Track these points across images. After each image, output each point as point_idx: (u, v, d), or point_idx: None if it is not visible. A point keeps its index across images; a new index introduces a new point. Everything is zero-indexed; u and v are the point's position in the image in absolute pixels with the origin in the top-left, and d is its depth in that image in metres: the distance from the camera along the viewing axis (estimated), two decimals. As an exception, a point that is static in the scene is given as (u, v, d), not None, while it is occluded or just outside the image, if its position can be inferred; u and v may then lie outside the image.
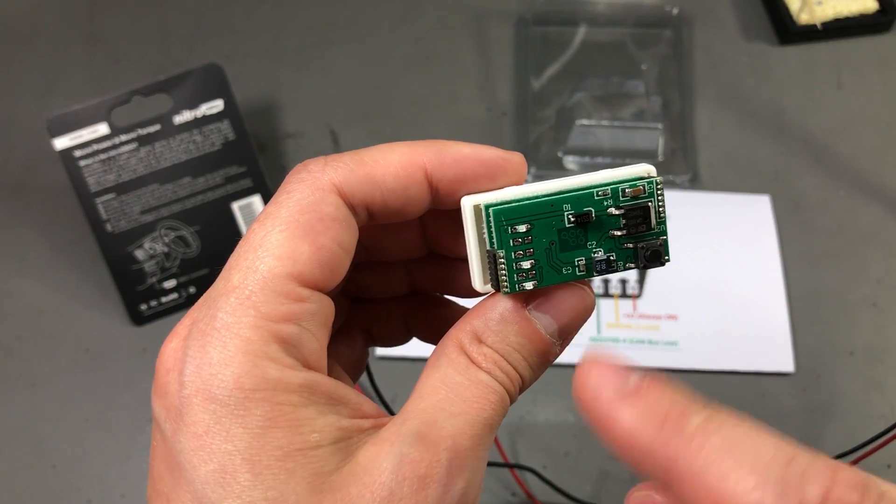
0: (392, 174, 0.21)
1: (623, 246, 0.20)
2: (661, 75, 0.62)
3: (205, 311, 0.19)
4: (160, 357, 0.20)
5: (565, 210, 0.20)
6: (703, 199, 0.57)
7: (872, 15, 0.63)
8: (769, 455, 0.14)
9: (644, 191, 0.20)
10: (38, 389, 0.51)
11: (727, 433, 0.15)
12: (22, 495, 0.48)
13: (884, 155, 0.59)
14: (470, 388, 0.20)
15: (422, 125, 0.61)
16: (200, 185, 0.54)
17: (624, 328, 0.52)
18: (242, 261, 0.20)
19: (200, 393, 0.18)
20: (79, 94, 0.62)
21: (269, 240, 0.20)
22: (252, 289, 0.19)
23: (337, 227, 0.20)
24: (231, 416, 0.18)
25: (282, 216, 0.20)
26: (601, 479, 0.47)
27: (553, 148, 0.59)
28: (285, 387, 0.18)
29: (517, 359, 0.21)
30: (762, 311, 0.52)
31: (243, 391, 0.18)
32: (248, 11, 0.66)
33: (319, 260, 0.20)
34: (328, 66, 0.63)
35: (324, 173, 0.21)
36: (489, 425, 0.20)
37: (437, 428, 0.19)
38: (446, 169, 0.21)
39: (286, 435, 0.18)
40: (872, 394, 0.50)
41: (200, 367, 0.18)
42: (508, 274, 0.20)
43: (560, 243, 0.20)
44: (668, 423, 0.16)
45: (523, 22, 0.64)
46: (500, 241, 0.20)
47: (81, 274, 0.55)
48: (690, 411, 0.16)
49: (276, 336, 0.19)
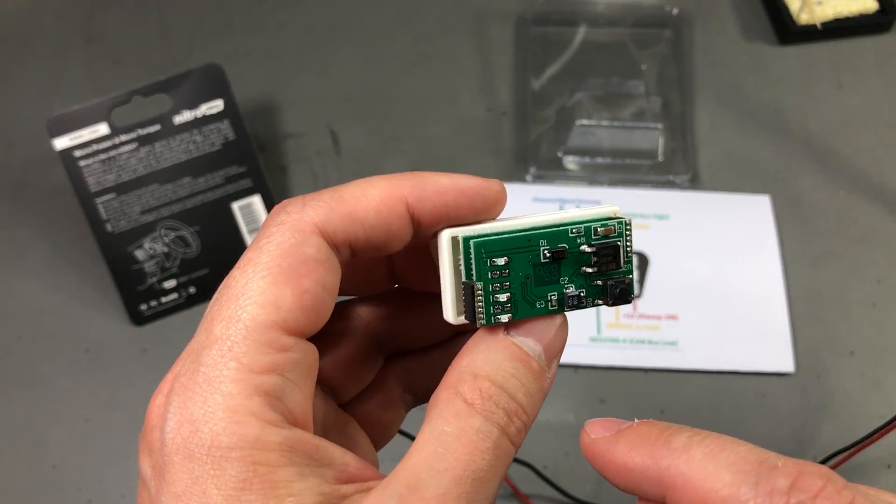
0: (374, 210, 0.21)
1: (593, 283, 0.21)
2: (661, 75, 0.62)
3: (188, 364, 0.19)
4: (147, 413, 0.20)
5: (541, 245, 0.21)
6: (703, 199, 0.57)
7: (872, 15, 0.63)
8: (743, 456, 0.17)
9: (615, 230, 0.21)
10: (38, 389, 0.51)
11: (708, 444, 0.17)
12: (22, 495, 0.48)
13: (884, 155, 0.59)
14: (459, 438, 0.19)
15: (422, 125, 0.61)
16: (200, 185, 0.54)
17: (624, 328, 0.52)
18: (225, 310, 0.19)
19: (180, 451, 0.18)
20: (79, 94, 0.62)
21: (251, 287, 0.19)
22: (234, 339, 0.19)
23: (320, 269, 0.20)
24: (207, 475, 0.17)
25: (263, 262, 0.19)
26: (601, 479, 0.47)
27: (553, 148, 0.59)
28: (263, 445, 0.18)
29: (514, 386, 0.20)
30: (762, 311, 0.52)
31: (220, 449, 0.17)
32: (248, 11, 0.66)
33: (303, 305, 0.19)
34: (328, 66, 0.63)
35: (304, 214, 0.20)
36: (480, 479, 0.19)
37: (421, 490, 0.18)
38: (427, 201, 0.21)
39: (260, 498, 0.17)
40: (872, 393, 0.50)
41: (181, 424, 0.18)
42: (485, 306, 0.20)
43: (535, 278, 0.21)
44: (658, 444, 0.18)
45: (523, 22, 0.64)
46: (479, 274, 0.20)
47: (81, 274, 0.55)
48: (676, 432, 0.18)
49: (258, 389, 0.18)
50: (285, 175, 0.59)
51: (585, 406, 0.50)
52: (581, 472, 0.47)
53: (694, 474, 0.17)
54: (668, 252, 0.54)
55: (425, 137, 0.60)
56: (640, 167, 0.58)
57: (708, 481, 0.17)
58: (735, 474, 0.16)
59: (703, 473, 0.17)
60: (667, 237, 0.55)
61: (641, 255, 0.54)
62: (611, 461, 0.19)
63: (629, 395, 0.50)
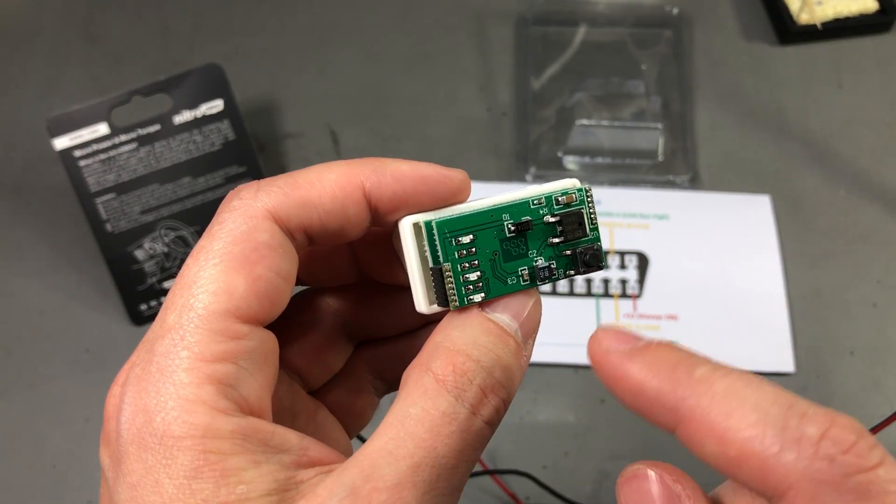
0: (329, 195, 0.20)
1: (562, 253, 0.21)
2: (661, 75, 0.62)
3: (143, 354, 0.19)
4: (105, 403, 0.19)
5: (504, 220, 0.21)
6: (703, 199, 0.57)
7: (872, 15, 0.63)
8: (771, 398, 0.15)
9: (575, 199, 0.21)
10: (38, 389, 0.51)
11: (732, 379, 0.16)
12: (22, 495, 0.48)
13: (884, 155, 0.59)
14: (422, 421, 0.18)
15: (422, 125, 0.61)
16: (200, 185, 0.54)
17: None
18: (178, 299, 0.19)
19: (135, 441, 0.18)
20: (79, 94, 0.62)
21: (203, 275, 0.19)
22: (187, 328, 0.18)
23: (273, 255, 0.19)
24: (159, 465, 0.17)
25: (215, 249, 0.19)
26: (601, 479, 0.47)
27: (553, 148, 0.59)
28: (214, 433, 0.17)
29: (491, 360, 0.19)
30: (762, 311, 0.52)
31: (172, 438, 0.17)
32: (248, 11, 0.66)
33: (257, 291, 0.19)
34: (328, 66, 0.63)
35: (256, 199, 0.20)
36: (443, 465, 0.18)
37: (375, 478, 0.17)
38: (385, 187, 0.20)
39: (210, 486, 0.17)
40: (872, 393, 0.50)
41: (135, 414, 0.18)
42: (456, 287, 0.20)
43: (503, 253, 0.21)
44: (677, 371, 0.17)
45: (523, 22, 0.64)
46: (446, 254, 0.20)
47: (81, 274, 0.55)
48: (697, 362, 0.17)
49: (211, 377, 0.18)
50: (285, 175, 0.59)
51: (585, 406, 0.50)
52: (581, 472, 0.47)
53: (714, 409, 0.16)
54: (668, 252, 0.54)
55: (425, 137, 0.60)
56: (640, 167, 0.58)
57: (729, 419, 0.15)
58: (760, 415, 0.15)
59: (725, 409, 0.15)
60: (667, 237, 0.55)
61: (641, 255, 0.54)
62: (623, 378, 0.18)
63: (629, 395, 0.50)
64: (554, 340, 0.51)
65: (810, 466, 0.14)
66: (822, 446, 0.14)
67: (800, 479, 0.14)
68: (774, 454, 0.15)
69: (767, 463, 0.15)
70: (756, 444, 0.15)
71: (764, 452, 0.15)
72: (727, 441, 0.15)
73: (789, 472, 0.14)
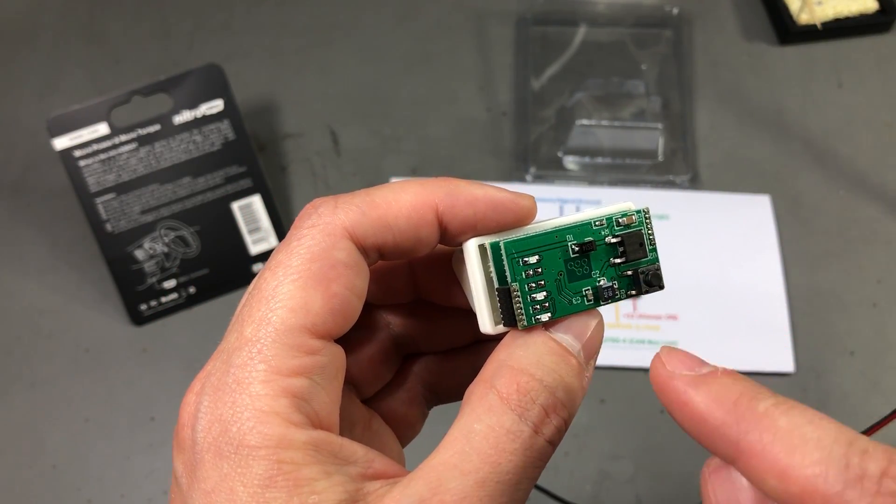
0: (405, 216, 0.21)
1: (623, 273, 0.22)
2: (661, 75, 0.62)
3: (219, 364, 0.19)
4: (180, 411, 0.20)
5: (568, 240, 0.21)
6: (703, 199, 0.57)
7: (872, 15, 0.63)
8: (833, 436, 0.16)
9: (635, 220, 0.22)
10: (38, 389, 0.51)
11: (795, 414, 0.16)
12: (22, 495, 0.48)
13: (883, 155, 0.59)
14: (487, 437, 0.18)
15: (422, 125, 0.61)
16: (200, 185, 0.54)
17: (624, 328, 0.52)
18: (255, 312, 0.19)
19: (211, 450, 0.18)
20: (79, 94, 0.62)
21: (281, 290, 0.19)
22: (264, 342, 0.19)
23: (349, 273, 0.20)
24: (234, 473, 0.18)
25: (293, 265, 0.20)
26: (601, 480, 0.47)
27: (553, 148, 0.59)
28: (289, 444, 0.18)
29: (554, 381, 0.20)
30: (762, 311, 0.52)
31: (247, 448, 0.18)
32: (248, 11, 0.66)
33: (332, 308, 0.20)
34: (328, 66, 0.63)
35: (335, 217, 0.20)
36: (506, 481, 0.18)
37: (442, 491, 0.18)
38: (458, 210, 0.21)
39: (284, 495, 0.17)
40: (872, 394, 0.50)
41: (211, 423, 0.18)
42: (524, 306, 0.20)
43: (567, 273, 0.21)
44: (741, 404, 0.17)
45: (523, 22, 0.64)
46: (514, 275, 0.20)
47: (81, 274, 0.55)
48: (761, 396, 0.17)
49: (286, 391, 0.19)
50: (285, 175, 0.59)
51: (585, 406, 0.50)
52: (581, 471, 0.47)
53: (777, 446, 0.16)
54: (668, 252, 0.54)
55: (425, 137, 0.60)
56: (640, 167, 0.58)
57: (792, 456, 0.15)
58: (823, 454, 0.15)
59: (787, 446, 0.16)
60: (667, 237, 0.55)
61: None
62: (687, 405, 0.18)
63: (629, 395, 0.50)
64: (554, 340, 0.51)
65: (872, 503, 0.14)
66: (883, 483, 0.15)
67: None
68: (838, 492, 0.15)
69: (831, 501, 0.15)
70: (819, 483, 0.15)
71: (828, 491, 0.15)
72: (789, 478, 0.15)
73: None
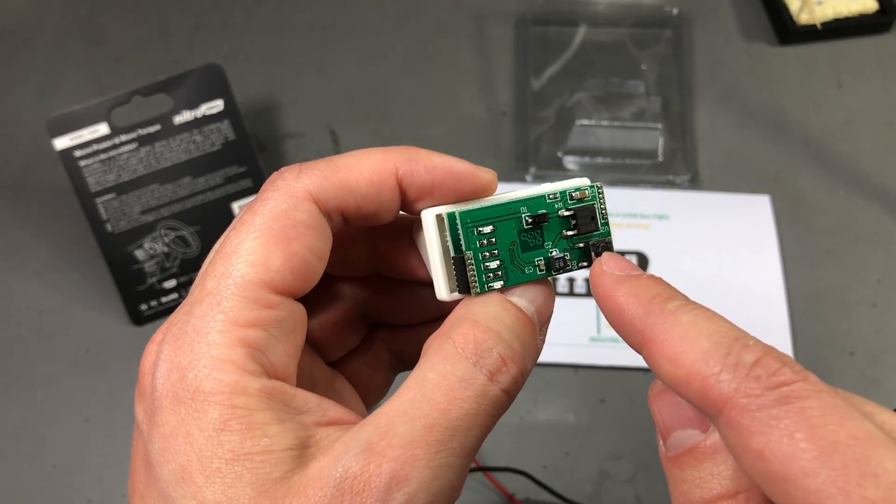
0: (366, 179, 0.22)
1: (575, 245, 0.23)
2: (661, 75, 0.62)
3: (181, 315, 0.20)
4: (142, 359, 0.21)
5: (522, 212, 0.22)
6: (703, 199, 0.57)
7: (872, 15, 0.63)
8: (724, 331, 0.17)
9: (588, 195, 0.23)
10: (38, 389, 0.51)
11: (698, 313, 0.18)
12: (22, 495, 0.48)
13: (884, 155, 0.59)
14: (440, 385, 0.19)
15: (422, 125, 0.61)
16: (200, 185, 0.54)
17: (624, 328, 0.52)
18: (218, 267, 0.20)
19: (169, 396, 0.19)
20: (79, 94, 0.62)
21: (244, 247, 0.20)
22: (224, 294, 0.20)
23: (310, 233, 0.21)
24: (191, 418, 0.18)
25: (256, 224, 0.21)
26: (601, 479, 0.47)
27: (553, 148, 0.59)
28: (243, 390, 0.19)
29: (510, 334, 0.20)
30: (762, 310, 0.52)
31: (203, 394, 0.19)
32: (248, 11, 0.66)
33: (292, 266, 0.20)
34: (328, 66, 0.63)
35: (298, 181, 0.21)
36: (456, 427, 0.19)
37: (390, 435, 0.18)
38: (416, 176, 0.22)
39: (237, 438, 0.18)
40: (872, 394, 0.50)
41: (170, 370, 0.19)
42: (478, 274, 0.21)
43: (521, 244, 0.22)
44: (654, 302, 0.19)
45: (523, 22, 0.64)
46: (468, 243, 0.21)
47: (81, 274, 0.55)
48: (674, 297, 0.19)
49: (242, 341, 0.19)
50: (285, 175, 0.59)
51: (585, 406, 0.50)
52: (581, 471, 0.47)
53: (674, 335, 0.18)
54: (668, 252, 0.54)
55: (425, 137, 0.60)
56: (640, 167, 0.58)
57: (683, 343, 0.17)
58: (711, 344, 0.17)
59: (682, 336, 0.18)
60: (667, 237, 0.55)
61: (641, 255, 0.54)
62: (609, 297, 0.20)
63: (629, 395, 0.50)
64: (554, 340, 0.51)
65: (742, 385, 0.16)
66: (753, 370, 0.16)
67: (733, 395, 0.16)
68: (714, 374, 0.17)
69: (708, 382, 0.17)
70: (701, 366, 0.17)
71: (706, 372, 0.17)
72: (679, 362, 0.17)
73: (725, 391, 0.16)
